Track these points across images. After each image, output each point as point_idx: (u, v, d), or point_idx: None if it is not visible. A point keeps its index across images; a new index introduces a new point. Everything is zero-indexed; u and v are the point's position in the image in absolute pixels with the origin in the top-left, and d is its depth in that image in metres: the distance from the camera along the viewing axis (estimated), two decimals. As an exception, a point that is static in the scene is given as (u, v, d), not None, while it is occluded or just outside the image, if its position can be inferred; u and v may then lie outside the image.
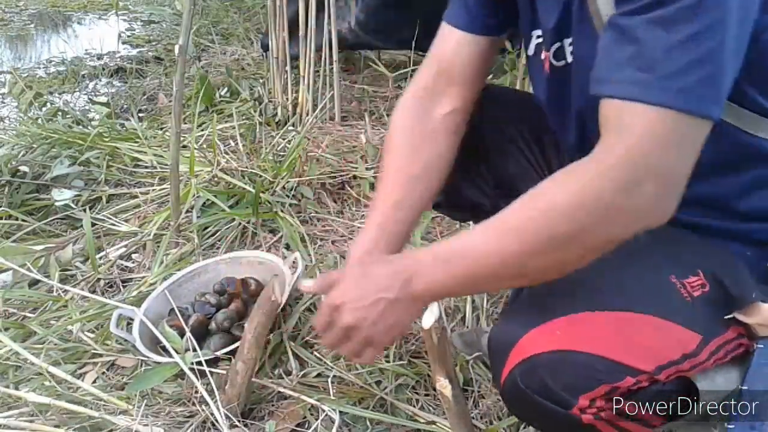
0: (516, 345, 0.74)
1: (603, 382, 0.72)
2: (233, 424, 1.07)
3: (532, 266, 0.73)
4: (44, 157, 2.02)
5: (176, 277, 1.46)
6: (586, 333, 0.73)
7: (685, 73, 0.63)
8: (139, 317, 1.29)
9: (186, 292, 1.46)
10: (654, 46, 0.64)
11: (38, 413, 1.11)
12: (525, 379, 0.74)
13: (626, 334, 0.74)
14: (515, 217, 0.73)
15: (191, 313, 1.36)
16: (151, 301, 1.38)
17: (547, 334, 0.73)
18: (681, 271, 0.78)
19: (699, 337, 0.75)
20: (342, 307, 0.81)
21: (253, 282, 1.45)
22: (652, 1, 0.64)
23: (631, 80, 0.65)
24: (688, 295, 0.77)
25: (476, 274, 0.76)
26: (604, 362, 0.72)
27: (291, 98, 2.46)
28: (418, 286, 0.78)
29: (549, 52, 0.85)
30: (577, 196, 0.68)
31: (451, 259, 0.76)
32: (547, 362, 0.72)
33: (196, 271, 1.49)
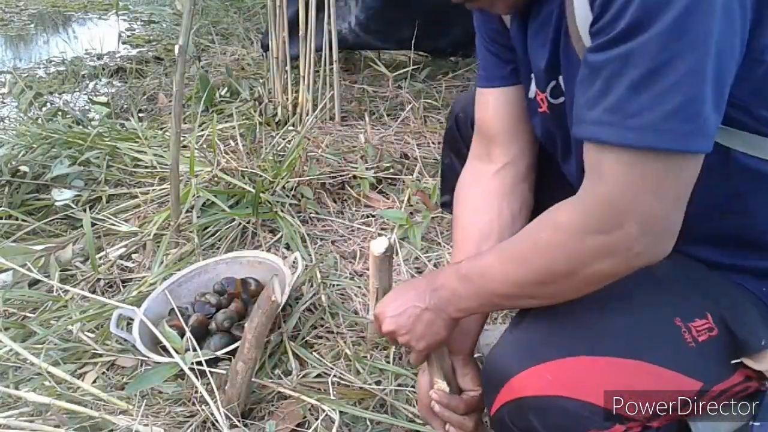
0: (508, 383, 0.75)
1: (591, 428, 0.72)
2: (233, 424, 1.07)
3: (538, 293, 0.77)
4: (44, 157, 2.02)
5: (176, 277, 1.46)
6: (579, 378, 0.73)
7: (651, 110, 0.61)
8: (139, 317, 1.29)
9: (186, 292, 1.46)
10: (618, 83, 0.62)
11: (38, 413, 1.11)
12: (513, 418, 0.75)
13: (621, 381, 0.73)
14: (518, 248, 0.77)
15: (191, 313, 1.36)
16: (151, 301, 1.38)
17: (539, 378, 0.73)
18: (688, 314, 0.77)
19: (699, 384, 0.74)
20: (381, 316, 0.90)
21: (253, 282, 1.45)
22: (617, 35, 0.62)
23: (600, 121, 0.64)
24: (693, 340, 0.75)
25: (492, 294, 0.81)
26: (593, 409, 0.71)
27: (291, 98, 2.46)
28: (443, 298, 0.84)
29: (545, 92, 0.85)
30: (566, 237, 0.70)
31: (470, 277, 0.81)
32: (535, 405, 0.73)
33: (196, 271, 1.49)
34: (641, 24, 0.60)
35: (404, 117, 2.41)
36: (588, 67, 0.66)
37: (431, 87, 2.76)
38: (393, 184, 2.01)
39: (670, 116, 0.61)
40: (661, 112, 0.61)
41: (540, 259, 0.74)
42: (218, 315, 1.35)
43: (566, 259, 0.71)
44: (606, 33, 0.63)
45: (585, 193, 0.69)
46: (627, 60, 0.61)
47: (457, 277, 0.83)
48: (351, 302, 1.47)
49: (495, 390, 0.77)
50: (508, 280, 0.78)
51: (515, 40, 0.89)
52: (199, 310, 1.37)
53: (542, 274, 0.74)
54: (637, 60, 0.61)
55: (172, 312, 1.35)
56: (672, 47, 0.59)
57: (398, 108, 2.58)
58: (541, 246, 0.74)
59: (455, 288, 0.83)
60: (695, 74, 0.60)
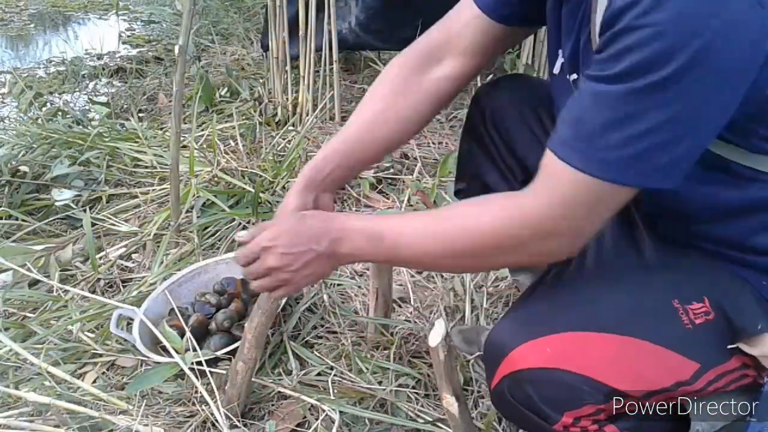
0: (507, 356, 0.76)
1: (588, 402, 0.73)
2: (233, 424, 1.07)
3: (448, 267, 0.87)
4: (44, 157, 2.02)
5: (176, 277, 1.46)
6: (578, 353, 0.75)
7: (616, 149, 0.66)
8: (139, 317, 1.29)
9: (186, 292, 1.46)
10: (595, 116, 0.67)
11: (38, 413, 1.11)
12: (512, 391, 0.76)
13: (619, 357, 0.74)
14: (449, 224, 0.80)
15: (191, 313, 1.36)
16: (151, 301, 1.38)
17: (538, 351, 0.75)
18: (685, 296, 0.78)
19: (696, 365, 0.75)
20: (272, 249, 0.85)
21: None
22: (605, 75, 0.66)
23: (569, 143, 0.70)
24: (690, 323, 0.77)
25: (396, 258, 0.84)
26: (590, 383, 0.73)
27: (291, 98, 2.46)
28: (343, 249, 0.84)
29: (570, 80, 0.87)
30: (499, 230, 0.75)
31: (380, 238, 0.82)
32: (534, 378, 0.74)
33: (196, 271, 1.49)
34: (628, 74, 0.64)
35: (404, 117, 2.40)
36: (579, 89, 0.71)
37: (431, 87, 2.75)
38: (393, 184, 2.01)
39: (631, 159, 0.67)
40: (624, 153, 0.66)
41: (466, 241, 0.77)
42: (218, 315, 1.35)
43: (491, 248, 0.76)
44: (599, 68, 0.67)
45: (536, 194, 0.73)
46: (609, 100, 0.66)
47: (366, 235, 0.83)
48: (351, 302, 1.47)
49: (495, 364, 0.78)
50: (426, 253, 0.81)
51: (550, 10, 0.90)
52: (199, 310, 1.37)
53: (462, 254, 0.79)
54: (621, 104, 0.66)
55: (172, 312, 1.35)
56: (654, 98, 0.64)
57: (398, 108, 2.58)
58: (471, 230, 0.77)
59: (360, 245, 0.83)
60: (663, 129, 0.65)
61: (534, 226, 0.73)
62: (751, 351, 0.76)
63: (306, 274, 0.86)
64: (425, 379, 1.22)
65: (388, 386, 1.19)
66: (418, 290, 1.49)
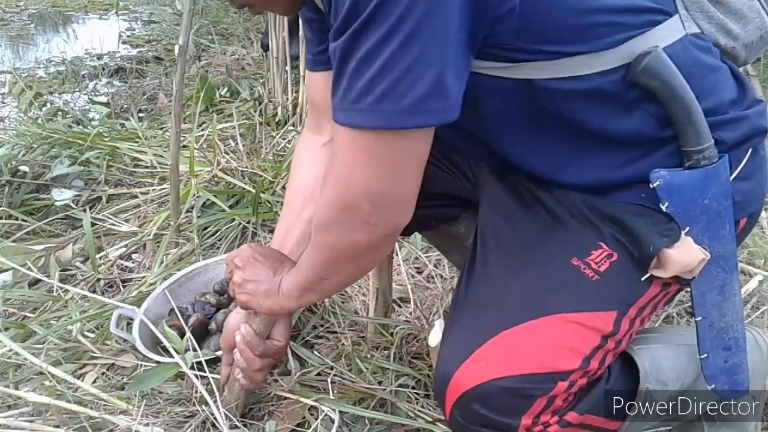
0: (449, 385, 0.76)
1: (536, 395, 0.73)
2: (233, 424, 1.07)
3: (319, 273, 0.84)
4: (44, 157, 2.02)
5: (176, 277, 1.46)
6: (507, 355, 0.75)
7: (366, 93, 0.65)
8: (139, 317, 1.29)
9: (186, 292, 1.45)
10: (343, 71, 0.67)
11: (38, 413, 1.11)
12: (464, 416, 0.76)
13: (542, 341, 0.75)
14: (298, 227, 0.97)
15: (191, 313, 1.36)
16: (151, 301, 1.38)
17: (473, 369, 0.75)
18: (581, 250, 0.78)
19: (614, 313, 0.76)
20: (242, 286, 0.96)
21: None
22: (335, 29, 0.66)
23: (336, 106, 0.69)
24: (594, 273, 0.77)
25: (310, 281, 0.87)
26: (530, 378, 0.73)
27: (291, 98, 2.45)
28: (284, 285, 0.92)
29: None
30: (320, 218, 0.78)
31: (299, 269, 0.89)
32: (478, 395, 0.74)
33: (196, 271, 1.49)
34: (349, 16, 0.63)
35: (404, 117, 2.40)
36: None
37: (431, 87, 2.75)
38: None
39: (382, 98, 0.64)
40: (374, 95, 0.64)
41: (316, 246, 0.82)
42: (218, 315, 1.35)
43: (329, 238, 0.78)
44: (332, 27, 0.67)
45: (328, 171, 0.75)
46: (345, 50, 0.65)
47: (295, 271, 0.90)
48: (351, 302, 1.47)
49: (443, 395, 0.78)
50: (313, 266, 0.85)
51: None
52: (199, 310, 1.37)
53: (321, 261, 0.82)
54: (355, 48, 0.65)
55: (172, 312, 1.35)
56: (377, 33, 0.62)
57: (398, 108, 2.58)
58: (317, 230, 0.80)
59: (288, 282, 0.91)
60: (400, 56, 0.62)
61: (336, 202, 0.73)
62: (664, 275, 0.76)
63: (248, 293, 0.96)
64: (425, 379, 1.22)
65: (388, 386, 1.19)
66: (418, 290, 1.49)
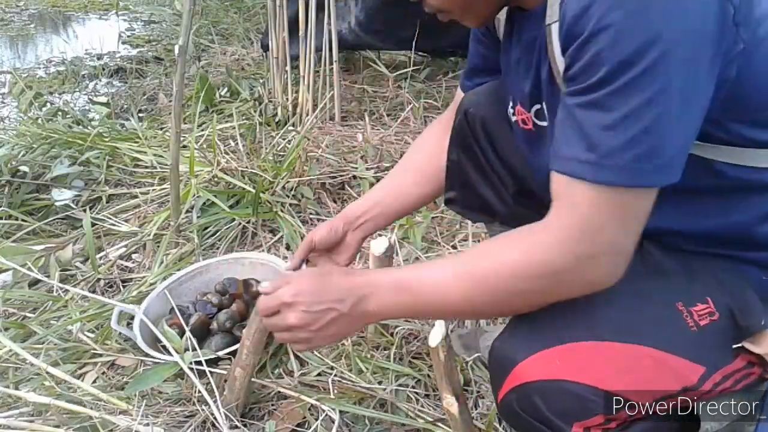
0: (514, 369, 0.76)
1: (597, 412, 0.73)
2: (233, 424, 1.07)
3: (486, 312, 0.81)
4: (44, 157, 2.02)
5: (177, 276, 1.46)
6: (585, 363, 0.74)
7: (623, 151, 0.67)
8: (139, 316, 1.29)
9: (186, 290, 1.46)
10: (593, 126, 0.68)
11: (38, 413, 1.11)
12: (520, 403, 0.76)
13: (626, 366, 0.74)
14: (479, 267, 0.77)
15: (192, 312, 1.35)
16: (152, 299, 1.38)
17: (545, 362, 0.74)
18: (689, 299, 0.78)
19: (702, 369, 0.75)
20: (292, 306, 0.83)
21: (255, 283, 1.45)
22: (588, 85, 0.67)
23: (577, 158, 0.70)
24: (694, 325, 0.76)
25: (427, 309, 0.81)
26: (599, 393, 0.73)
27: (291, 98, 2.46)
28: (369, 307, 0.82)
29: (530, 113, 0.90)
30: (535, 263, 0.73)
31: (410, 289, 0.80)
32: (541, 389, 0.74)
33: (197, 271, 1.49)
34: (611, 74, 0.65)
35: (404, 117, 2.41)
36: (565, 109, 0.72)
37: (431, 87, 2.76)
38: (393, 184, 2.00)
39: (642, 157, 0.67)
40: (634, 153, 0.67)
41: (503, 281, 0.75)
42: (220, 315, 1.35)
43: (532, 282, 0.74)
44: (579, 81, 0.68)
45: (558, 221, 0.73)
46: (601, 106, 0.67)
47: (395, 288, 0.81)
48: (351, 302, 1.47)
49: (501, 377, 0.77)
50: (463, 297, 0.77)
51: (503, 60, 0.95)
52: (200, 309, 1.37)
53: (501, 295, 0.76)
54: (612, 105, 0.66)
55: (173, 311, 1.35)
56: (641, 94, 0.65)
57: (398, 108, 2.58)
58: (507, 268, 0.75)
59: (387, 300, 0.81)
60: (661, 120, 0.66)
61: (570, 253, 0.71)
62: (756, 349, 0.76)
63: (330, 334, 0.84)
64: (425, 379, 1.22)
65: (388, 386, 1.19)
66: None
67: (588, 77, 0.67)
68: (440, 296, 0.79)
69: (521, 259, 0.74)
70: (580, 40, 0.66)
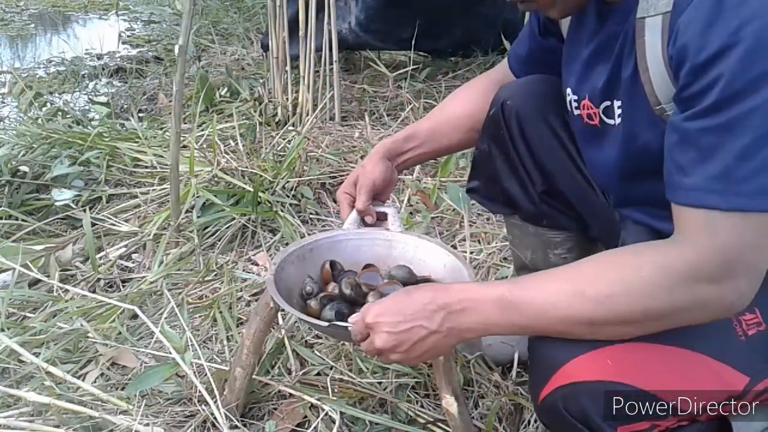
0: (562, 368, 0.74)
1: (645, 418, 0.72)
2: (233, 424, 1.07)
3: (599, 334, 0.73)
4: (44, 157, 2.02)
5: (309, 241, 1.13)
6: (636, 365, 0.73)
7: (757, 176, 0.65)
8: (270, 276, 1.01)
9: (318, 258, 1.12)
10: (722, 151, 0.65)
11: (38, 413, 1.11)
12: (566, 403, 0.74)
13: (677, 371, 0.73)
14: (596, 287, 0.72)
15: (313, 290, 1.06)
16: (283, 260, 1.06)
17: (596, 363, 0.73)
18: None
19: (747, 379, 0.74)
20: (375, 327, 0.79)
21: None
22: (713, 105, 0.65)
23: (707, 188, 0.67)
24: (743, 334, 0.76)
25: (536, 328, 0.76)
26: (649, 398, 0.72)
27: (291, 98, 2.46)
28: (465, 323, 0.77)
29: (599, 108, 0.88)
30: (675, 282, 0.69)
31: (516, 307, 0.75)
32: (590, 390, 0.72)
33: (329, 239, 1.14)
34: (738, 95, 0.63)
35: (404, 117, 2.41)
36: (679, 134, 0.69)
37: (431, 87, 2.76)
38: (393, 184, 2.00)
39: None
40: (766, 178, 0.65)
41: (631, 300, 0.70)
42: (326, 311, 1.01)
43: (666, 303, 0.70)
44: (698, 102, 0.66)
45: (696, 243, 0.69)
46: (729, 130, 0.65)
47: (499, 305, 0.75)
48: (351, 302, 1.47)
49: (546, 375, 0.76)
50: (580, 317, 0.72)
51: (567, 52, 0.94)
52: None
53: (628, 315, 0.71)
54: (740, 130, 0.64)
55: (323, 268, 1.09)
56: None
57: (398, 108, 2.58)
58: (636, 286, 0.70)
59: (490, 316, 0.76)
60: None
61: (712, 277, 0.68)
62: None
63: (421, 353, 0.79)
64: (425, 379, 1.22)
65: (388, 386, 1.19)
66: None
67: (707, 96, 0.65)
68: (556, 318, 0.73)
69: (654, 279, 0.70)
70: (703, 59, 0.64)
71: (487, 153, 1.13)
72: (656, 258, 0.71)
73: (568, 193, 1.09)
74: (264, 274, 1.55)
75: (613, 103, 0.85)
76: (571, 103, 0.95)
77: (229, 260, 1.63)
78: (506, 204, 1.17)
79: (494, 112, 1.10)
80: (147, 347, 1.31)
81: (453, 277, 1.02)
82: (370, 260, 1.12)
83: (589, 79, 0.88)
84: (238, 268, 1.60)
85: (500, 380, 1.21)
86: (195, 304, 1.47)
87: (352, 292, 1.01)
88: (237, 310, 1.43)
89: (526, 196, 1.12)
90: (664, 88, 0.75)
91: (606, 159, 0.90)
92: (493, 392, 1.19)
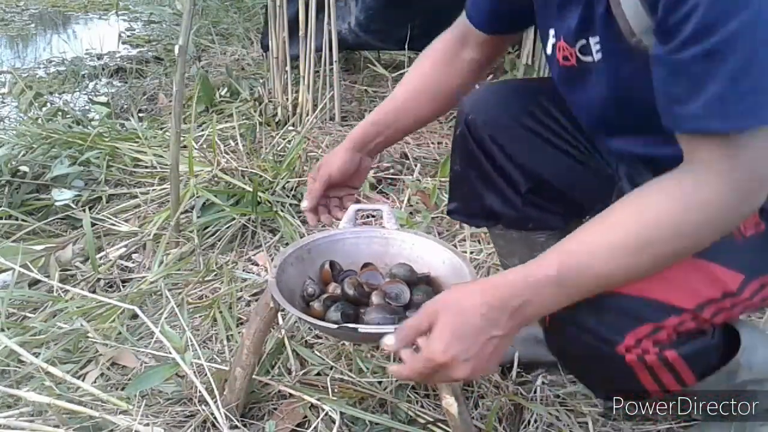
0: None
1: (647, 320, 0.77)
2: (233, 424, 1.07)
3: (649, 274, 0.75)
4: (44, 157, 2.02)
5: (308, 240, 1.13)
6: None
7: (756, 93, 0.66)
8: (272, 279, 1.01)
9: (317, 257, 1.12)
10: (713, 77, 0.66)
11: (38, 413, 1.11)
12: (570, 320, 0.79)
13: (667, 275, 0.77)
14: (635, 234, 0.72)
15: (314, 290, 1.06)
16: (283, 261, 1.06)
17: None
18: None
19: (741, 276, 0.79)
20: (452, 363, 0.74)
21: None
22: (691, 35, 0.66)
23: (705, 114, 0.68)
24: (740, 234, 0.80)
25: (590, 291, 0.76)
26: (646, 302, 0.77)
27: (291, 98, 2.46)
28: (528, 314, 0.75)
29: (575, 47, 0.88)
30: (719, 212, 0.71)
31: (568, 280, 0.74)
32: (590, 304, 0.76)
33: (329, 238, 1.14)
34: (719, 20, 0.64)
35: (404, 117, 2.40)
36: (668, 67, 0.70)
37: (431, 87, 2.75)
38: (393, 184, 2.01)
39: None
40: (764, 93, 0.66)
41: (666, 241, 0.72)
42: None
43: (714, 233, 0.72)
44: (680, 32, 0.67)
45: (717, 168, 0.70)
46: (715, 56, 0.65)
47: (558, 286, 0.74)
48: (351, 302, 1.47)
49: None
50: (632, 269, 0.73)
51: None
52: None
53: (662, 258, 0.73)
54: (727, 54, 0.65)
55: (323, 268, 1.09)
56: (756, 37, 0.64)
57: (398, 108, 2.58)
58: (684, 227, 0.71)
59: (550, 300, 0.75)
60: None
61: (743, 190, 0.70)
62: None
63: (495, 361, 0.78)
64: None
65: (388, 386, 1.19)
66: (418, 290, 1.49)
67: (686, 26, 0.66)
68: (600, 278, 0.74)
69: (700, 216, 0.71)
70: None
71: (461, 173, 1.14)
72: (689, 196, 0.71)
73: (556, 181, 1.08)
74: (264, 275, 1.55)
75: (589, 41, 0.85)
76: (553, 49, 0.94)
77: (229, 260, 1.63)
78: (487, 217, 1.16)
79: (461, 131, 1.11)
80: (147, 347, 1.31)
81: (453, 273, 1.03)
82: (368, 258, 1.12)
83: (565, 20, 0.88)
84: (238, 268, 1.60)
85: (500, 380, 1.21)
86: (195, 304, 1.47)
87: (356, 293, 1.01)
88: (237, 310, 1.43)
89: (506, 205, 1.11)
90: (638, 20, 0.75)
91: (590, 97, 0.91)
92: (493, 392, 1.19)
